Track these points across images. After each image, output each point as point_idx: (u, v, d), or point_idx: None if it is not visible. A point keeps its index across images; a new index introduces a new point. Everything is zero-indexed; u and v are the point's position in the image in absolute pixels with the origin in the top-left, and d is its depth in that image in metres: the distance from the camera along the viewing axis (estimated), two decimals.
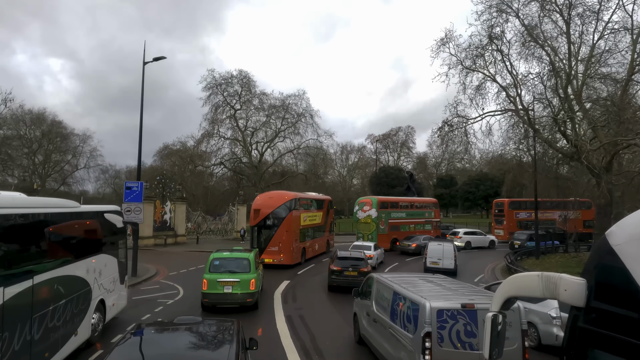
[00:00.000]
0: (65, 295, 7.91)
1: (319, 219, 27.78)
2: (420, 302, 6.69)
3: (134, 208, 17.99)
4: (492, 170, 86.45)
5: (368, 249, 22.21)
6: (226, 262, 12.97)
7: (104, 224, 10.45)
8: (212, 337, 5.38)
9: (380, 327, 8.27)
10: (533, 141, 25.04)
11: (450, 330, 6.39)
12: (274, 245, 22.23)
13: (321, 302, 14.90)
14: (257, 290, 13.04)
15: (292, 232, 22.79)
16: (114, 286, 10.85)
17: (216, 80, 55.79)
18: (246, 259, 13.06)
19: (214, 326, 5.76)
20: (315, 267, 23.26)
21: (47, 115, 71.22)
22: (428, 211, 36.64)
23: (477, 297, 7.06)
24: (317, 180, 67.89)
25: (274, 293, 15.75)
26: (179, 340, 5.13)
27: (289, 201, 23.46)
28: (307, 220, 25.23)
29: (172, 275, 19.28)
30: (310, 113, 58.72)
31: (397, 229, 32.28)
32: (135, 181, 18.41)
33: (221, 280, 12.29)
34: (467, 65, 23.93)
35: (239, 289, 12.26)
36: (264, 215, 23.07)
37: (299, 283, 18.32)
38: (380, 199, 33.14)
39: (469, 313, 6.44)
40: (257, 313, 12.79)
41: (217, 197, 60.61)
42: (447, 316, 6.43)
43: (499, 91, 25.02)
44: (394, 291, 7.86)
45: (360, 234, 31.26)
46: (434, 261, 20.63)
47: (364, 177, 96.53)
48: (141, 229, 34.53)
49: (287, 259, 22.15)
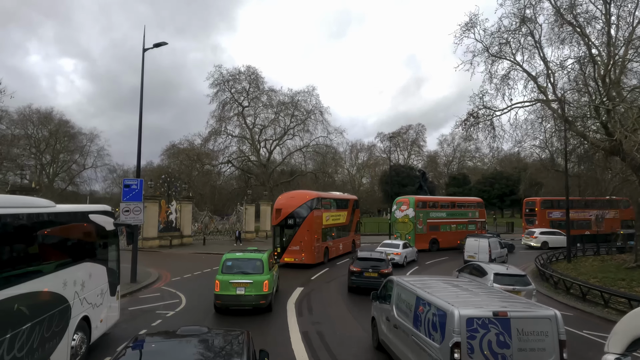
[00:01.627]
0: (32, 317, 6.33)
1: (343, 218, 27.53)
2: (448, 309, 6.16)
3: (133, 208, 16.47)
4: (505, 168, 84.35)
5: (396, 247, 22.83)
6: (239, 263, 12.61)
7: (89, 226, 8.88)
8: (219, 349, 4.83)
9: (401, 333, 7.75)
10: (564, 135, 23.09)
11: (482, 340, 5.85)
12: (295, 244, 22.22)
13: (339, 303, 14.37)
14: (271, 291, 12.56)
15: (313, 231, 22.65)
16: (102, 299, 9.27)
17: (223, 77, 54.41)
18: (259, 259, 12.64)
19: (221, 337, 5.18)
20: (337, 267, 22.91)
21: (54, 114, 70.83)
22: (472, 211, 35.42)
23: (509, 304, 6.51)
24: (327, 179, 66.22)
25: (293, 292, 15.53)
26: (182, 354, 4.65)
27: (310, 200, 23.36)
28: (329, 220, 25.10)
29: (175, 281, 17.74)
30: (320, 110, 57.10)
31: (436, 229, 31.75)
32: (135, 178, 16.86)
33: (234, 281, 11.95)
34: (493, 52, 22.03)
35: (252, 291, 11.92)
36: (286, 214, 23.05)
37: (318, 285, 17.60)
38: (418, 198, 32.78)
39: (501, 322, 5.90)
40: (272, 319, 12.00)
41: (225, 196, 59.22)
42: (477, 325, 5.89)
43: (527, 80, 23.10)
44: (417, 296, 7.34)
45: (398, 234, 30.86)
46: (470, 255, 22.58)
47: (374, 176, 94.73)
48: (145, 230, 33.30)
49: (309, 258, 22.05)
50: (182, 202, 36.24)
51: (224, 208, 56.96)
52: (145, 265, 21.66)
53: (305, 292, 15.92)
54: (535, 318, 6.09)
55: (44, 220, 7.04)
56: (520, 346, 5.86)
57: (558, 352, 5.93)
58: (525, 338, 5.90)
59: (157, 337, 5.66)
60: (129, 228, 10.91)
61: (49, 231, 7.19)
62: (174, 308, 13.08)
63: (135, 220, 16.62)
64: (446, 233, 31.92)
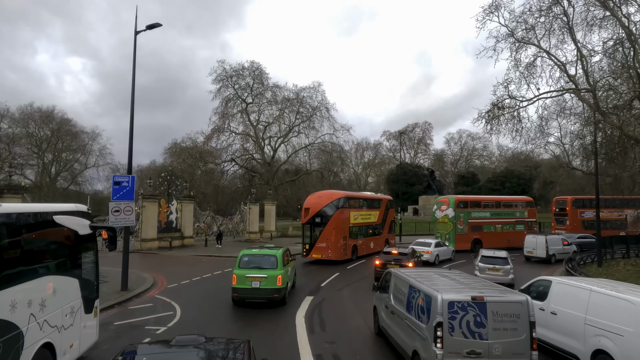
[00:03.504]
0: None
1: (374, 217, 27.95)
2: (433, 294, 7.06)
3: (123, 207, 14.81)
4: (513, 166, 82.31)
5: (428, 245, 23.61)
6: (255, 258, 13.43)
7: (53, 231, 7.20)
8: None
9: (397, 318, 8.70)
10: (594, 128, 21.18)
11: (461, 320, 6.68)
12: (322, 241, 23.24)
13: (355, 294, 15.46)
14: (284, 286, 13.18)
15: (339, 229, 23.50)
16: (72, 319, 7.59)
17: (226, 72, 52.74)
18: (274, 256, 13.43)
19: (220, 347, 4.75)
20: (364, 263, 23.50)
21: (56, 113, 69.76)
22: (520, 210, 34.05)
23: (487, 290, 7.34)
24: (333, 178, 64.42)
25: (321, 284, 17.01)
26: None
27: (336, 200, 24.26)
28: (358, 219, 25.65)
29: (171, 289, 16.06)
30: (326, 106, 55.28)
31: (479, 229, 30.99)
32: (126, 175, 15.17)
33: (249, 275, 12.75)
34: (518, 37, 20.14)
35: (266, 284, 12.66)
36: (313, 213, 24.10)
37: (339, 280, 18.70)
38: (458, 198, 32.33)
39: (478, 305, 6.73)
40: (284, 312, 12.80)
41: (228, 195, 57.54)
42: (457, 308, 6.72)
43: (553, 69, 21.20)
44: (410, 285, 8.27)
45: (439, 234, 30.61)
46: (529, 250, 25.17)
47: (380, 175, 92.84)
48: (144, 230, 31.69)
49: (335, 254, 23.01)
50: (183, 201, 34.62)
51: (228, 207, 55.31)
52: (140, 269, 20.09)
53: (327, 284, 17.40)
54: (509, 302, 6.92)
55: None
56: (495, 326, 6.70)
57: (529, 331, 6.75)
58: (500, 319, 6.72)
59: (149, 347, 5.22)
60: (110, 232, 9.07)
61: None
62: (166, 322, 11.38)
63: (127, 222, 14.96)
64: (490, 233, 30.91)
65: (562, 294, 9.07)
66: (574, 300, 8.56)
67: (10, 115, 65.52)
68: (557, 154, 53.06)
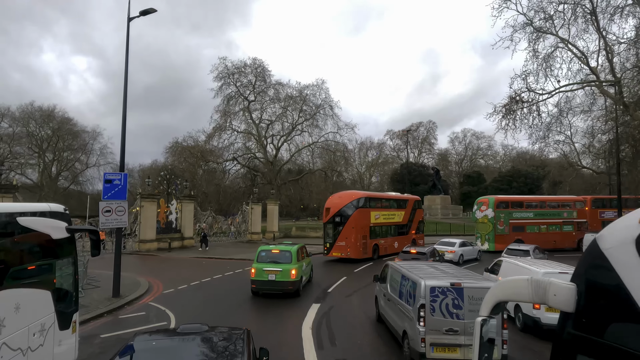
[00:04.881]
0: None
1: (398, 217, 28.14)
2: (418, 281, 8.16)
3: (115, 207, 13.72)
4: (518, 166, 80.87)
5: (452, 245, 23.79)
6: (271, 253, 14.58)
7: (20, 236, 6.09)
8: (220, 347, 4.65)
9: (392, 304, 9.68)
10: (615, 122, 19.95)
11: (441, 303, 7.70)
12: (341, 240, 23.80)
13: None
14: (298, 279, 14.21)
15: (359, 228, 23.88)
16: (43, 338, 6.48)
17: (228, 70, 51.71)
18: (289, 251, 14.50)
19: (222, 335, 5.06)
20: (383, 262, 22.84)
21: (56, 112, 69.05)
22: (568, 211, 32.67)
23: (465, 278, 8.29)
24: (337, 178, 63.27)
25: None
26: (182, 352, 4.55)
27: (355, 200, 24.79)
28: (380, 219, 25.92)
29: (167, 295, 14.95)
30: (329, 104, 54.17)
31: (521, 229, 30.27)
32: (117, 172, 14.07)
33: (266, 269, 13.92)
34: (537, 26, 18.92)
35: (281, 277, 13.75)
36: (333, 213, 24.73)
37: (358, 276, 19.30)
38: (498, 199, 31.84)
39: (456, 290, 7.74)
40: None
41: (230, 195, 56.48)
42: (438, 292, 7.75)
43: (572, 61, 19.98)
44: (402, 274, 9.26)
45: (479, 234, 30.70)
46: None
47: (383, 174, 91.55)
48: (142, 231, 30.60)
49: (354, 253, 23.46)
50: (183, 201, 33.56)
51: (230, 207, 54.28)
52: (136, 272, 19.04)
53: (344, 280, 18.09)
54: (483, 288, 7.58)
55: None
56: (470, 308, 7.49)
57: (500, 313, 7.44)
58: (475, 302, 7.42)
59: (157, 335, 5.56)
60: (93, 235, 8.03)
61: None
62: None
63: (119, 223, 13.87)
64: (534, 234, 30.00)
65: (507, 269, 12.29)
66: (513, 273, 11.31)
67: (11, 114, 64.89)
68: (566, 152, 51.77)
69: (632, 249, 1.90)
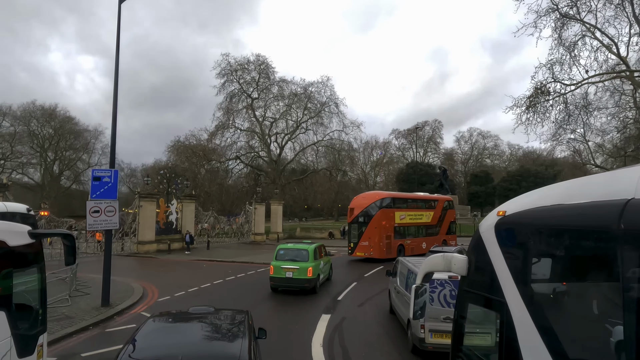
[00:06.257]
0: None
1: (427, 218, 28.02)
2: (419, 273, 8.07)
3: (104, 207, 12.47)
4: (527, 165, 79.18)
5: None
6: (289, 252, 15.02)
7: None
8: (224, 326, 5.42)
9: (400, 296, 10.54)
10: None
11: (439, 293, 8.20)
12: (364, 240, 24.06)
13: None
14: (315, 277, 14.53)
15: (382, 228, 23.95)
16: None
17: (231, 66, 50.43)
18: (306, 250, 14.92)
19: (225, 316, 5.77)
20: None
21: (58, 111, 68.30)
22: None
23: None
24: (342, 177, 61.90)
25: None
26: (193, 330, 5.21)
27: (379, 200, 25.00)
28: (405, 219, 25.86)
29: (162, 303, 13.66)
30: (335, 102, 52.77)
31: None
32: (107, 169, 12.80)
33: (284, 266, 14.37)
34: (563, 11, 17.49)
35: (298, 275, 14.17)
36: (357, 213, 24.99)
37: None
38: None
39: (453, 282, 7.97)
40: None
41: (233, 195, 55.23)
42: (437, 284, 8.21)
43: (599, 49, 18.53)
44: (408, 269, 10.07)
45: None
46: None
47: (388, 174, 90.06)
48: (141, 232, 29.37)
49: (377, 253, 23.60)
50: (184, 200, 32.35)
51: (232, 208, 53.05)
52: (131, 276, 17.83)
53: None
54: None
55: None
56: None
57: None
58: None
59: (171, 316, 6.29)
60: (67, 240, 6.52)
61: None
62: None
63: (108, 224, 12.60)
64: None
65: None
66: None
67: (12, 113, 64.13)
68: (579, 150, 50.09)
69: (492, 232, 2.88)
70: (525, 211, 2.68)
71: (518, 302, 2.48)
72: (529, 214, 2.63)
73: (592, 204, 2.11)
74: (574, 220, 2.24)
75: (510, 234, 2.78)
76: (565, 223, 2.33)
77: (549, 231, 2.49)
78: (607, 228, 1.93)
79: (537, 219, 2.55)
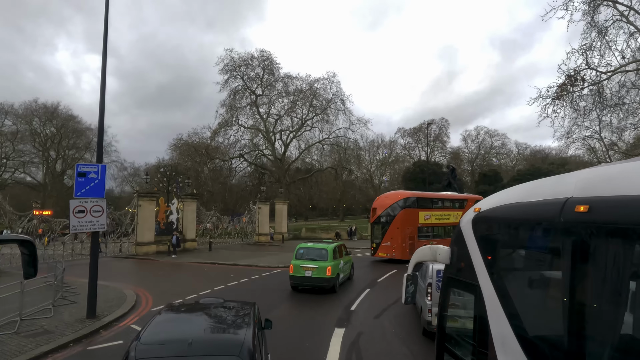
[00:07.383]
0: None
1: (454, 218, 26.99)
2: (427, 264, 10.01)
3: (90, 207, 11.10)
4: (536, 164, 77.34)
5: None
6: (309, 251, 15.17)
7: None
8: (231, 316, 5.68)
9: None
10: None
11: None
12: (387, 240, 23.65)
13: None
14: (334, 276, 14.55)
15: (404, 228, 23.38)
16: None
17: (235, 62, 49.06)
18: (325, 249, 15.00)
19: (233, 307, 6.01)
20: None
21: (60, 109, 67.43)
22: None
23: None
24: (347, 176, 60.44)
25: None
26: (203, 319, 5.55)
27: (401, 200, 24.38)
28: (430, 219, 25.28)
29: (155, 313, 12.27)
30: (341, 98, 51.28)
31: None
32: (94, 164, 11.41)
33: (303, 265, 14.59)
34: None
35: (317, 274, 14.33)
36: (379, 213, 24.62)
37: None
38: None
39: None
40: None
41: (237, 194, 53.89)
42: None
43: (634, 35, 16.94)
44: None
45: None
46: None
47: (394, 173, 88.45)
48: (140, 233, 28.02)
49: (399, 254, 22.96)
50: (185, 200, 31.00)
51: (236, 207, 51.72)
52: (125, 281, 16.55)
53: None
54: None
55: None
56: None
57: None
58: None
59: (185, 305, 7.57)
60: (26, 247, 3.11)
61: None
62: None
63: (94, 226, 11.23)
64: None
65: None
66: None
67: (14, 111, 63.28)
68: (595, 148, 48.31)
69: (470, 226, 3.28)
70: (494, 208, 3.14)
71: (488, 284, 2.91)
72: (497, 210, 3.10)
73: (542, 201, 2.59)
74: (529, 215, 2.74)
75: (483, 227, 3.23)
76: (523, 217, 2.82)
77: (512, 224, 2.99)
78: (552, 221, 2.44)
79: (503, 214, 3.01)
